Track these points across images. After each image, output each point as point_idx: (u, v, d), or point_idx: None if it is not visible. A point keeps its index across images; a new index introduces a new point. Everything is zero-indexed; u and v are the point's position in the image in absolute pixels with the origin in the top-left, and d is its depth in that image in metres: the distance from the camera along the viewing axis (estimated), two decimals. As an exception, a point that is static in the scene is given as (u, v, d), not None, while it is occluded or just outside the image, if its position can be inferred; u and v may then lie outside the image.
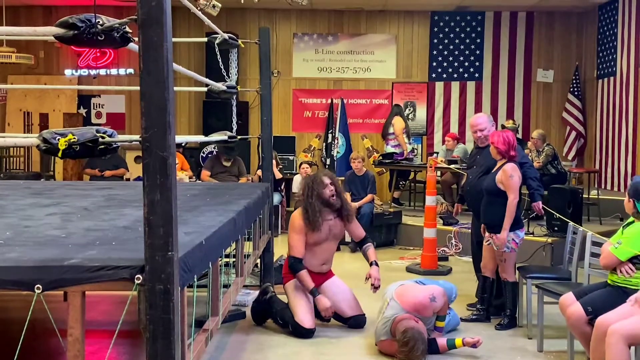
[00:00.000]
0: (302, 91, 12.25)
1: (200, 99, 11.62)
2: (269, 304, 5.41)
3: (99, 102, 12.14)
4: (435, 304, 4.76)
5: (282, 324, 5.29)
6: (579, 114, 11.79)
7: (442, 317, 4.91)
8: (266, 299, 5.43)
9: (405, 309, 4.71)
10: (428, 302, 4.74)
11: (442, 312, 4.88)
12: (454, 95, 12.18)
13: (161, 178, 2.53)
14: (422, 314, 4.74)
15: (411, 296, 4.81)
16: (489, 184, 5.39)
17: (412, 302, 4.76)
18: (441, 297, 4.81)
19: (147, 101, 2.51)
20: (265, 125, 6.88)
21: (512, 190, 5.23)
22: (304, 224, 5.32)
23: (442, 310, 4.87)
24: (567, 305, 4.20)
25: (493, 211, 5.35)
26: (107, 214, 4.25)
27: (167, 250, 2.55)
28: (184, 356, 2.95)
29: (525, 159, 5.84)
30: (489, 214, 5.41)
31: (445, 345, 4.75)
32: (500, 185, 5.28)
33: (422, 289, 4.88)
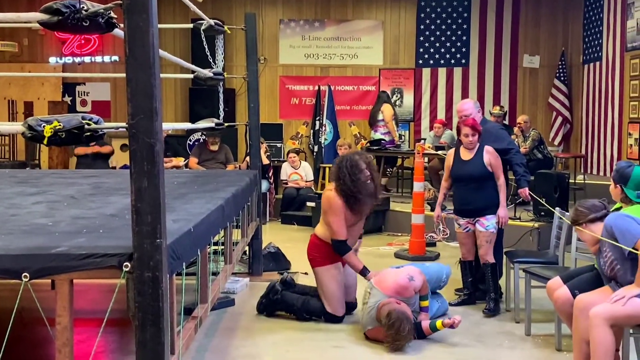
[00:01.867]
0: (289, 78, 12.21)
1: (187, 86, 11.55)
2: (282, 302, 5.29)
3: (84, 90, 12.05)
4: (414, 283, 4.82)
5: (308, 317, 5.22)
6: (565, 100, 11.83)
7: (424, 297, 4.97)
8: (278, 299, 5.30)
9: (387, 294, 4.76)
10: (407, 282, 4.81)
11: (423, 292, 4.95)
12: (440, 81, 12.18)
13: (148, 165, 2.52)
14: (403, 295, 4.79)
15: (390, 280, 4.87)
16: (479, 171, 5.40)
17: (392, 286, 4.82)
18: (419, 276, 4.90)
19: (133, 87, 2.49)
20: (253, 112, 6.86)
21: (501, 169, 5.42)
22: (343, 206, 5.10)
23: (423, 290, 4.93)
24: (554, 289, 4.23)
25: (485, 195, 5.40)
26: (94, 202, 4.23)
27: (156, 237, 2.55)
28: (173, 343, 2.94)
29: (512, 144, 5.85)
30: (480, 199, 5.42)
31: (428, 328, 4.81)
32: (488, 168, 5.36)
33: (399, 272, 4.96)
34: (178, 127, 9.52)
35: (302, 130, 12.27)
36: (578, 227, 4.07)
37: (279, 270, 6.81)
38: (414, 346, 4.69)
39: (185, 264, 3.15)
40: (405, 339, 4.53)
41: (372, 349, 4.64)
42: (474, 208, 5.48)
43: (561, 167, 10.99)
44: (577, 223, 4.06)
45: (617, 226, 3.69)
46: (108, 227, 3.27)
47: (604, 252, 3.89)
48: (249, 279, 6.42)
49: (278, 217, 10.37)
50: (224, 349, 4.61)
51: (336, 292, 5.19)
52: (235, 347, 4.66)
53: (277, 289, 5.35)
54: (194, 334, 3.56)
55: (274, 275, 6.69)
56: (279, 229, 9.64)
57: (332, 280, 5.19)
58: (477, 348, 4.70)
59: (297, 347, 4.68)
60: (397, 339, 4.52)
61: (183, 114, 11.82)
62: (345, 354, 4.57)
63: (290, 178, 10.53)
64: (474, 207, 5.47)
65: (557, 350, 4.60)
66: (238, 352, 4.55)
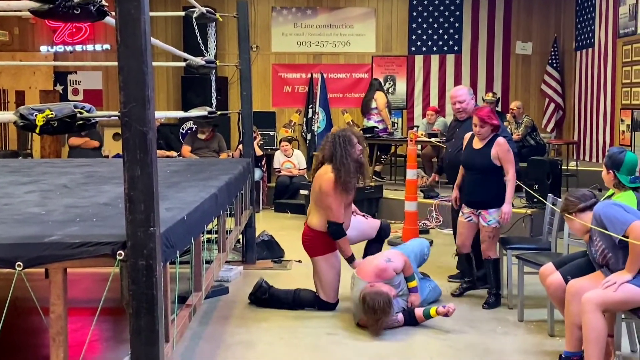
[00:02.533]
0: (281, 66, 12.17)
1: (179, 74, 11.51)
2: (272, 300, 5.26)
3: (76, 79, 11.99)
4: (392, 264, 4.85)
5: (302, 309, 5.22)
6: (557, 86, 11.85)
7: (410, 277, 4.98)
8: (266, 298, 5.27)
9: (368, 281, 4.78)
10: (384, 264, 4.84)
11: (407, 272, 4.97)
12: (433, 69, 12.17)
13: (141, 153, 2.52)
14: (384, 277, 4.82)
15: (368, 266, 4.91)
16: (482, 162, 5.20)
17: (371, 271, 4.85)
18: (397, 256, 4.93)
19: (125, 75, 2.49)
20: (245, 100, 6.84)
21: (511, 163, 5.15)
22: (340, 187, 5.04)
23: (406, 270, 4.96)
24: (546, 275, 4.25)
25: (487, 189, 5.20)
26: (87, 191, 4.22)
27: (149, 225, 2.55)
28: (167, 332, 2.95)
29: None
30: (482, 192, 5.23)
31: (421, 315, 4.83)
32: (496, 161, 5.16)
33: (376, 256, 5.01)
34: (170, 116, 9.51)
35: (295, 118, 12.25)
36: (568, 216, 4.08)
37: (272, 259, 6.82)
38: (405, 332, 4.74)
39: (179, 252, 3.16)
40: (384, 313, 4.55)
41: (365, 336, 4.66)
42: (476, 200, 5.29)
43: (554, 153, 11.01)
44: (568, 212, 4.07)
45: (606, 215, 3.71)
46: (101, 215, 3.26)
47: (594, 240, 3.91)
48: (242, 267, 6.43)
49: (271, 205, 10.37)
50: (218, 337, 4.63)
51: (334, 281, 5.20)
52: (230, 334, 4.68)
53: (264, 288, 5.31)
54: (188, 321, 3.57)
55: (268, 263, 6.71)
56: (272, 217, 9.65)
57: (331, 269, 5.19)
58: (469, 334, 4.73)
59: (291, 334, 4.70)
60: (376, 317, 4.57)
61: (175, 103, 11.78)
62: (338, 341, 4.59)
63: (283, 166, 10.52)
64: (477, 199, 5.29)
65: (549, 335, 4.64)
66: (232, 340, 4.57)
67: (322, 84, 12.01)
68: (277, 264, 6.71)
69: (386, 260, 4.87)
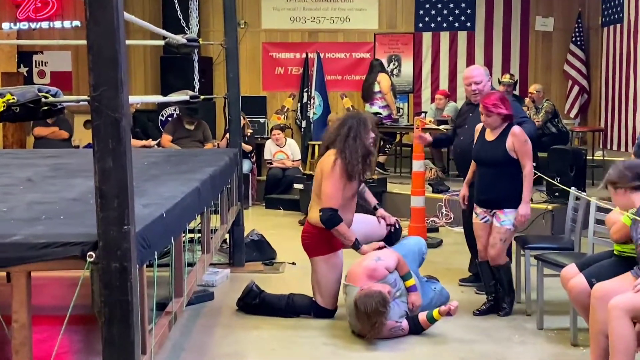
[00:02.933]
0: (272, 45, 12.16)
1: (157, 54, 11.49)
2: (263, 306, 5.27)
3: (42, 60, 11.95)
4: (382, 262, 4.87)
5: (296, 316, 5.25)
6: (582, 67, 11.85)
7: (406, 276, 5.00)
8: (257, 303, 5.28)
9: (360, 285, 4.79)
10: (374, 263, 4.86)
11: (402, 270, 4.99)
12: (443, 48, 12.17)
13: (114, 143, 2.52)
14: (376, 277, 4.83)
15: (358, 269, 4.93)
16: (496, 155, 5.12)
17: (361, 273, 4.87)
18: (388, 254, 4.97)
19: (95, 55, 2.49)
20: (232, 83, 6.84)
21: (528, 156, 5.05)
22: (344, 172, 5.02)
23: (400, 268, 4.98)
24: (569, 278, 4.26)
25: (502, 186, 5.08)
26: (54, 185, 4.23)
27: (123, 223, 2.56)
28: (144, 342, 2.96)
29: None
30: (496, 189, 5.12)
31: (426, 319, 4.86)
32: (512, 154, 5.04)
33: (364, 257, 5.03)
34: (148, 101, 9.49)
35: (288, 103, 12.25)
36: (616, 189, 4.01)
37: (263, 261, 6.83)
38: (409, 341, 4.75)
39: (157, 253, 3.16)
40: (379, 315, 4.56)
41: (364, 346, 4.67)
42: (490, 198, 5.18)
43: (578, 142, 11.04)
44: (616, 186, 4.02)
45: None
46: (70, 212, 3.26)
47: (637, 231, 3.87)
48: (229, 270, 6.44)
49: (262, 201, 10.39)
50: (202, 348, 4.63)
51: (334, 285, 5.21)
52: (215, 345, 4.68)
53: (255, 292, 5.31)
54: (168, 331, 3.57)
55: (258, 265, 6.72)
56: (262, 215, 9.66)
57: (331, 271, 5.20)
58: (483, 343, 4.75)
59: (284, 345, 4.71)
60: (371, 322, 4.58)
61: (153, 86, 11.76)
62: (335, 352, 4.61)
63: (275, 157, 10.53)
64: (491, 198, 5.18)
65: (572, 345, 4.65)
66: (218, 351, 4.57)
67: (318, 65, 12.00)
68: (268, 266, 6.72)
69: (376, 260, 4.90)
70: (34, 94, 2.55)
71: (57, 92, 2.68)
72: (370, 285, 4.74)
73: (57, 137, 9.79)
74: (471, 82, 5.76)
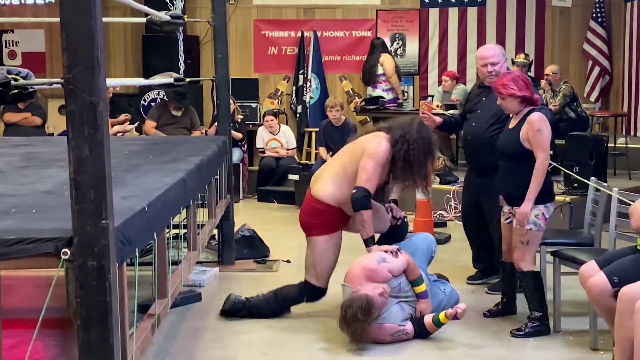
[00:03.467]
0: (265, 22, 12.13)
1: (139, 32, 11.46)
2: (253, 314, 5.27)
3: (12, 39, 11.93)
4: (387, 265, 4.84)
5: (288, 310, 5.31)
6: (603, 45, 11.83)
7: (417, 281, 4.96)
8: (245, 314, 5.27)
9: (354, 286, 4.77)
10: (375, 264, 4.84)
11: (412, 275, 4.94)
12: (451, 25, 12.15)
13: (90, 129, 2.51)
14: (376, 280, 4.80)
15: (357, 268, 4.90)
16: (509, 144, 5.05)
17: (359, 273, 4.85)
18: (396, 258, 4.90)
19: (69, 33, 2.48)
20: (221, 64, 6.83)
21: (541, 147, 4.87)
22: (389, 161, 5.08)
23: (410, 273, 4.94)
24: (588, 276, 4.26)
25: (520, 180, 4.95)
26: (26, 177, 4.23)
27: (100, 217, 2.55)
28: (124, 347, 2.96)
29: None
30: (513, 184, 5.03)
31: (432, 323, 4.86)
32: (526, 144, 4.93)
33: (367, 257, 4.98)
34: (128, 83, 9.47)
35: (282, 86, 12.23)
36: None
37: (255, 258, 6.83)
38: (415, 345, 4.77)
39: (139, 250, 3.17)
40: (357, 320, 4.54)
41: (365, 350, 4.69)
42: (509, 194, 5.11)
43: (598, 128, 11.03)
44: None
45: None
46: (42, 206, 3.26)
47: None
48: (218, 269, 6.45)
49: (253, 193, 10.39)
50: (189, 353, 4.64)
51: (332, 264, 5.21)
52: (202, 350, 4.69)
53: (239, 304, 5.29)
54: (151, 335, 3.58)
55: (249, 264, 6.73)
56: (254, 208, 9.67)
57: (332, 250, 5.18)
58: (495, 348, 4.77)
59: (277, 350, 4.72)
60: (352, 328, 4.59)
61: (135, 68, 11.75)
62: (333, 357, 4.62)
63: (267, 146, 10.53)
64: (509, 194, 5.11)
65: (591, 349, 4.67)
66: (205, 356, 4.59)
67: (315, 45, 11.98)
68: (261, 264, 6.73)
69: (379, 260, 4.83)
70: (2, 76, 2.54)
71: (28, 74, 2.66)
72: (362, 287, 4.71)
73: (29, 123, 9.78)
74: (487, 63, 5.71)
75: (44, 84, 2.74)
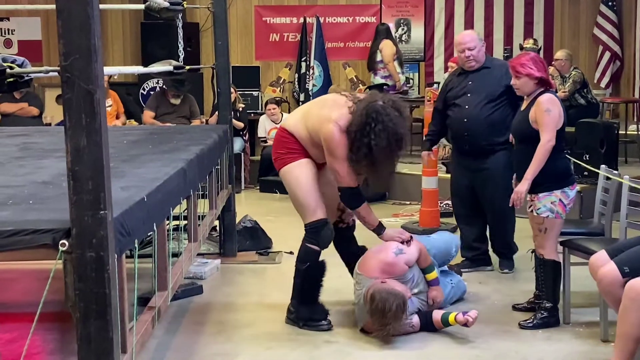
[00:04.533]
0: (266, 8, 12.11)
1: (137, 19, 11.45)
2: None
3: (8, 27, 11.92)
4: (404, 256, 4.84)
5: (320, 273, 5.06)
6: (613, 30, 11.80)
7: (429, 268, 5.01)
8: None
9: (372, 277, 4.78)
10: (393, 257, 4.83)
11: (423, 263, 4.98)
12: (458, 10, 12.13)
13: (87, 118, 2.52)
14: (393, 273, 4.81)
15: (373, 260, 4.89)
16: (519, 125, 5.06)
17: (375, 265, 4.84)
18: (410, 247, 4.89)
19: (65, 20, 2.48)
20: (221, 52, 6.82)
21: (547, 128, 4.83)
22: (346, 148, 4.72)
23: (422, 261, 4.97)
24: (598, 266, 4.26)
25: (529, 163, 4.91)
26: (23, 167, 4.24)
27: (99, 208, 2.56)
28: (124, 340, 2.97)
29: None
30: (524, 167, 4.96)
31: (439, 320, 4.86)
32: (535, 125, 4.90)
33: (382, 248, 4.94)
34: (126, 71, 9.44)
35: (285, 74, 12.22)
36: None
37: (257, 250, 6.85)
38: (421, 338, 4.78)
39: (138, 242, 3.17)
40: (395, 319, 4.55)
41: (371, 344, 4.70)
42: (520, 179, 5.02)
43: (609, 115, 11.02)
44: None
45: None
46: (40, 197, 3.27)
47: None
48: (220, 261, 6.45)
49: (255, 184, 10.39)
50: (190, 347, 4.65)
51: (313, 188, 4.90)
52: (204, 344, 4.70)
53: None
54: (152, 328, 3.59)
55: (252, 255, 6.74)
56: (256, 199, 9.68)
57: (306, 173, 4.90)
58: (503, 340, 4.77)
59: (281, 343, 4.73)
60: (384, 322, 4.56)
61: (134, 56, 11.74)
62: (339, 350, 4.63)
63: (270, 135, 10.51)
64: (520, 178, 5.02)
65: (602, 341, 4.67)
66: (207, 351, 4.59)
67: (317, 31, 11.96)
68: (263, 256, 6.74)
69: (395, 252, 4.83)
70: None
71: (23, 62, 2.68)
72: (391, 282, 4.72)
73: (26, 113, 9.79)
74: (464, 49, 5.99)
75: (40, 72, 2.75)
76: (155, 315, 3.66)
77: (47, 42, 11.92)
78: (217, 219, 6.38)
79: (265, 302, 5.49)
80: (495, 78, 5.98)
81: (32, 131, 6.57)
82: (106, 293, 2.59)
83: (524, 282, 5.77)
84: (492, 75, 6.02)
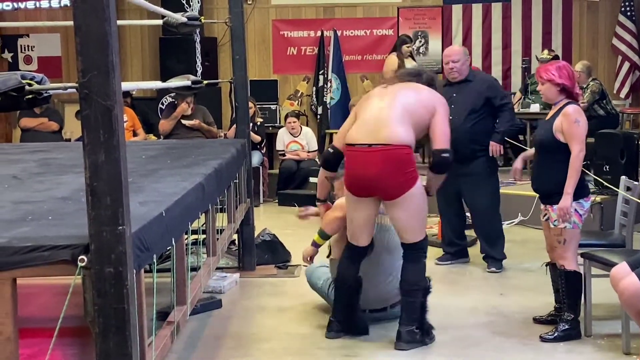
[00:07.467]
0: (284, 22, 12.15)
1: (156, 35, 11.52)
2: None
3: (28, 44, 12.02)
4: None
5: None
6: (632, 40, 11.74)
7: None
8: None
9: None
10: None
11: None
12: (475, 21, 12.11)
13: (105, 134, 2.53)
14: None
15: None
16: (543, 135, 5.03)
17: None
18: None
19: (83, 37, 2.50)
20: (239, 66, 6.85)
21: (577, 139, 4.82)
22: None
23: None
24: (620, 278, 4.22)
25: (551, 175, 4.93)
26: (42, 183, 4.26)
27: (117, 224, 2.57)
28: (143, 355, 2.97)
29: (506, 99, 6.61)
30: (544, 178, 5.00)
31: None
32: (558, 136, 4.89)
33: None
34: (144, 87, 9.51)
35: (302, 87, 12.24)
36: None
37: (276, 264, 6.84)
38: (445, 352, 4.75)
39: (157, 256, 3.17)
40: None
41: (390, 357, 4.68)
42: (539, 189, 5.11)
43: (629, 125, 10.95)
44: None
45: None
46: (59, 212, 3.28)
47: None
48: (239, 275, 6.45)
49: (274, 197, 10.39)
50: (209, 362, 4.66)
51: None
52: (224, 358, 4.70)
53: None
54: (170, 343, 3.58)
55: (271, 269, 6.74)
56: (275, 212, 9.68)
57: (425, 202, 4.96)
58: (523, 353, 4.74)
59: (300, 357, 4.72)
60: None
61: (152, 71, 11.80)
62: (359, 365, 4.62)
63: (288, 148, 10.54)
64: (539, 189, 5.10)
65: (624, 354, 4.63)
66: (227, 365, 4.61)
67: (335, 44, 11.99)
68: (282, 270, 6.74)
69: None
70: (16, 82, 2.56)
71: (42, 79, 2.69)
72: None
73: (46, 128, 9.86)
74: (449, 61, 6.55)
75: (59, 88, 2.76)
76: (174, 330, 3.66)
77: (66, 58, 12.01)
78: (235, 232, 6.39)
79: (284, 316, 5.48)
80: (476, 91, 6.50)
81: (52, 147, 6.61)
82: (125, 308, 2.59)
83: (545, 295, 5.71)
84: (474, 88, 6.53)
